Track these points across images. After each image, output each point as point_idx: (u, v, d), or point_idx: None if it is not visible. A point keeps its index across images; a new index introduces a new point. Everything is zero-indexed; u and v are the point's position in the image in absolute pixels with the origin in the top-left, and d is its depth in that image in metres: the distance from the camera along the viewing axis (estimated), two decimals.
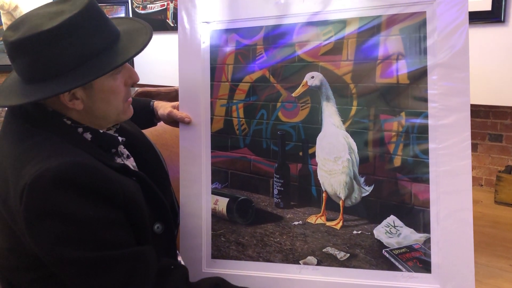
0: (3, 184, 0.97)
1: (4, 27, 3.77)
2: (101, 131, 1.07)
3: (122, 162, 1.16)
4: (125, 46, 1.02)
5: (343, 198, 1.26)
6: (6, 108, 1.09)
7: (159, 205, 1.13)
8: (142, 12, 4.42)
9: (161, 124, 1.49)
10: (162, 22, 4.22)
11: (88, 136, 1.06)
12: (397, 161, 1.21)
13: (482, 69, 2.28)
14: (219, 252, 1.34)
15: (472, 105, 1.17)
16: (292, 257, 1.29)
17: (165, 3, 4.06)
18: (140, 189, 1.06)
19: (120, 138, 1.14)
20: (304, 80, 1.27)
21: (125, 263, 0.96)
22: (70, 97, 1.01)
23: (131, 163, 1.20)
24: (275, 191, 1.32)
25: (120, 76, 1.07)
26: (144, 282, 0.98)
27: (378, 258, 1.22)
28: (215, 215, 1.36)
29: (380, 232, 1.23)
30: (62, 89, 0.95)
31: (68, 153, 0.96)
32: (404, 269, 1.20)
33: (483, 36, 1.89)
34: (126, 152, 1.20)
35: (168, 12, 4.21)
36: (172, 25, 4.18)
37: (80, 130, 1.05)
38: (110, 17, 1.09)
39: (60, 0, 1.02)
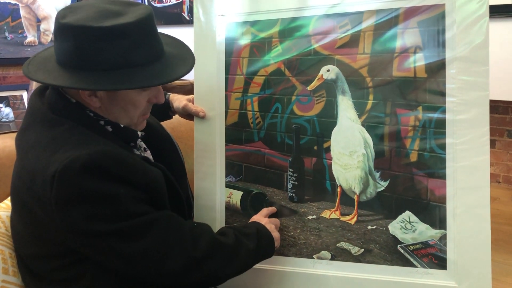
0: (28, 172, 0.99)
1: (23, 19, 3.81)
2: (122, 125, 1.09)
3: (141, 155, 1.17)
4: (161, 70, 1.03)
5: (358, 193, 1.25)
6: (31, 94, 1.12)
7: (176, 197, 1.14)
8: (158, 5, 4.43)
9: (176, 117, 1.49)
10: (178, 16, 4.23)
11: (109, 128, 1.08)
12: (414, 156, 1.20)
13: (502, 64, 2.24)
14: None
15: (490, 101, 1.15)
16: (306, 252, 1.29)
17: None
18: (163, 178, 1.09)
19: (139, 133, 1.15)
20: (320, 74, 1.26)
21: (159, 223, 1.01)
22: (90, 93, 1.03)
23: (148, 156, 1.21)
24: (289, 185, 1.32)
25: (147, 93, 1.08)
26: (181, 236, 1.03)
27: (392, 253, 1.21)
28: (229, 208, 1.36)
29: (395, 227, 1.21)
30: (85, 86, 0.98)
31: (96, 142, 0.99)
32: (419, 265, 1.19)
33: (503, 30, 1.86)
34: (143, 145, 1.21)
35: (184, 5, 4.21)
36: (188, 18, 4.18)
37: (101, 122, 1.07)
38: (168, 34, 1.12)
39: (127, 3, 1.04)
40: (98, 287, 1.02)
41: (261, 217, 1.26)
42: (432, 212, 1.19)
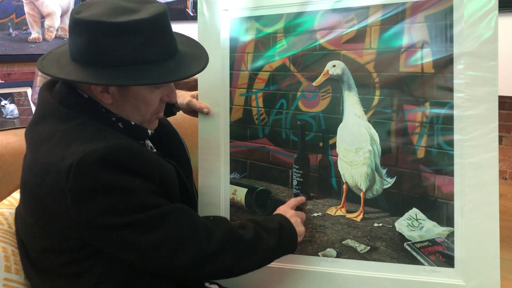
0: (42, 165, 0.99)
1: (27, 16, 3.80)
2: (133, 123, 1.09)
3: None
4: (174, 68, 1.03)
5: (364, 190, 1.23)
6: (41, 88, 1.12)
7: (185, 194, 1.14)
8: (162, 1, 4.41)
9: (180, 113, 1.48)
10: (182, 12, 4.21)
11: (120, 125, 1.08)
12: (421, 153, 1.18)
13: (509, 59, 2.21)
14: None
15: (498, 97, 1.13)
16: (311, 249, 1.27)
17: None
18: (176, 174, 1.09)
19: (149, 131, 1.15)
20: (325, 69, 1.25)
21: (173, 215, 1.01)
22: (102, 89, 1.02)
23: None
24: (294, 182, 1.30)
25: (159, 91, 1.08)
26: (195, 229, 1.03)
27: (399, 251, 1.20)
28: (233, 205, 1.35)
29: (401, 225, 1.20)
30: (97, 81, 0.98)
31: (111, 136, 0.99)
32: (426, 263, 1.18)
33: (511, 25, 1.83)
34: (150, 144, 1.21)
35: (187, 1, 4.20)
36: (191, 14, 4.17)
37: (113, 119, 1.07)
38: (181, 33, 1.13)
39: (142, 0, 1.04)
40: (106, 282, 1.02)
41: (287, 209, 1.24)
42: (440, 209, 1.17)
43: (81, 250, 1.01)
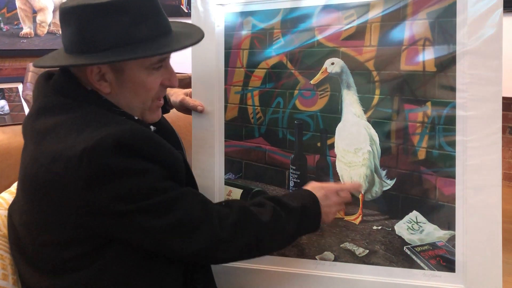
0: (48, 154, 0.96)
1: (19, 10, 3.75)
2: (136, 117, 1.07)
3: None
4: (166, 43, 1.02)
5: (362, 191, 1.20)
6: (38, 79, 1.11)
7: (191, 184, 1.13)
8: None
9: (174, 111, 1.45)
10: (176, 8, 4.17)
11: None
12: (422, 154, 1.15)
13: (506, 59, 2.18)
14: None
15: None
16: (308, 252, 1.24)
17: None
18: (183, 162, 1.07)
19: (152, 127, 1.13)
20: (324, 67, 1.21)
21: (185, 199, 1.00)
22: (99, 77, 1.01)
23: None
24: (291, 183, 1.28)
25: (159, 75, 1.06)
26: (207, 213, 1.01)
27: (398, 255, 1.17)
28: None
29: (401, 228, 1.17)
30: (86, 62, 0.97)
31: (122, 121, 0.99)
32: (426, 267, 1.15)
33: None
34: None
35: None
36: (186, 10, 4.13)
37: (116, 111, 1.05)
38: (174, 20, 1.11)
39: None
40: (110, 276, 1.00)
41: (330, 185, 1.17)
42: (441, 212, 1.14)
43: (87, 242, 0.98)
